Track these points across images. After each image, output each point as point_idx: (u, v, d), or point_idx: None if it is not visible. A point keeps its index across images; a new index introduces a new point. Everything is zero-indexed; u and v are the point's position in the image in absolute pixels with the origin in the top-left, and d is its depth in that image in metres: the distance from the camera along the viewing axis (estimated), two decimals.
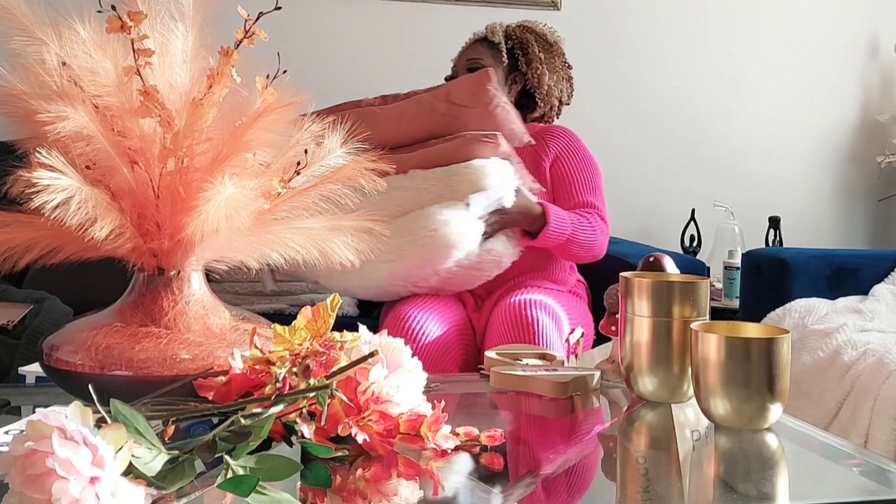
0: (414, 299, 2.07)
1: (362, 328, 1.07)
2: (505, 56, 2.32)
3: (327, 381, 0.98)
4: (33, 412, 1.04)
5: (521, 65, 2.32)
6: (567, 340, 1.96)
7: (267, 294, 2.44)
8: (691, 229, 3.21)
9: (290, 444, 1.00)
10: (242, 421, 0.91)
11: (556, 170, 2.26)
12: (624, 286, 1.31)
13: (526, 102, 2.36)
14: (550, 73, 2.33)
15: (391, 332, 1.16)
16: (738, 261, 2.91)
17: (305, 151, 1.14)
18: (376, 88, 3.00)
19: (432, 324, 2.00)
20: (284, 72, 1.11)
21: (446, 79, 2.33)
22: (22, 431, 0.81)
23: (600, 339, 2.07)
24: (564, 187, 2.25)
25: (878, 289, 2.58)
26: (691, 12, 3.34)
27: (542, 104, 2.35)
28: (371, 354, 1.00)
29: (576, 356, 1.61)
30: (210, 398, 1.03)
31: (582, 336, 1.70)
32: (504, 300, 2.07)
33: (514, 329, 1.97)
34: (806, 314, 2.45)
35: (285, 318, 1.35)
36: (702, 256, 3.16)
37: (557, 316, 2.02)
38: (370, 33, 3.04)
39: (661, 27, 3.31)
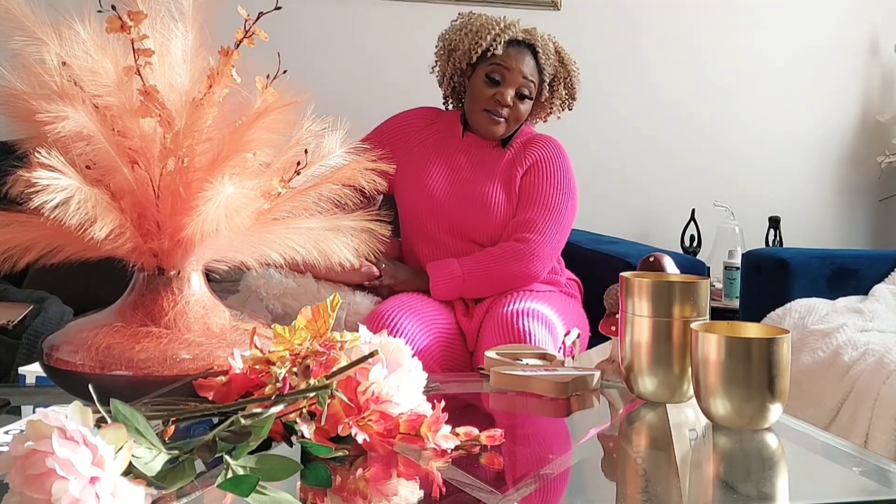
0: (397, 299, 2.06)
1: (362, 328, 1.07)
2: (546, 87, 2.22)
3: (327, 381, 0.98)
4: (33, 412, 1.04)
5: (543, 93, 2.22)
6: (563, 343, 1.96)
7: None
8: (691, 229, 3.21)
9: (290, 444, 1.00)
10: (242, 421, 0.91)
11: (523, 183, 2.19)
12: (624, 286, 1.31)
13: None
14: (560, 112, 2.28)
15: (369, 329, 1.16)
16: (738, 261, 2.90)
17: (305, 151, 1.14)
18: (376, 88, 3.01)
19: (410, 323, 1.97)
20: (284, 72, 1.11)
21: (489, 77, 2.16)
22: (22, 431, 0.81)
23: (598, 339, 2.06)
24: (518, 202, 2.18)
25: (879, 289, 2.58)
26: (691, 12, 3.34)
27: (533, 122, 2.32)
28: (371, 354, 1.00)
29: (572, 357, 1.61)
30: (210, 398, 1.03)
31: (578, 337, 1.70)
32: (495, 309, 2.05)
33: (507, 341, 1.95)
34: (806, 314, 2.44)
35: None
36: (702, 256, 3.16)
37: (551, 324, 2.01)
38: (370, 33, 3.04)
39: (660, 27, 3.31)
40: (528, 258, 2.10)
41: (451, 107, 2.34)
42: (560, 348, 1.94)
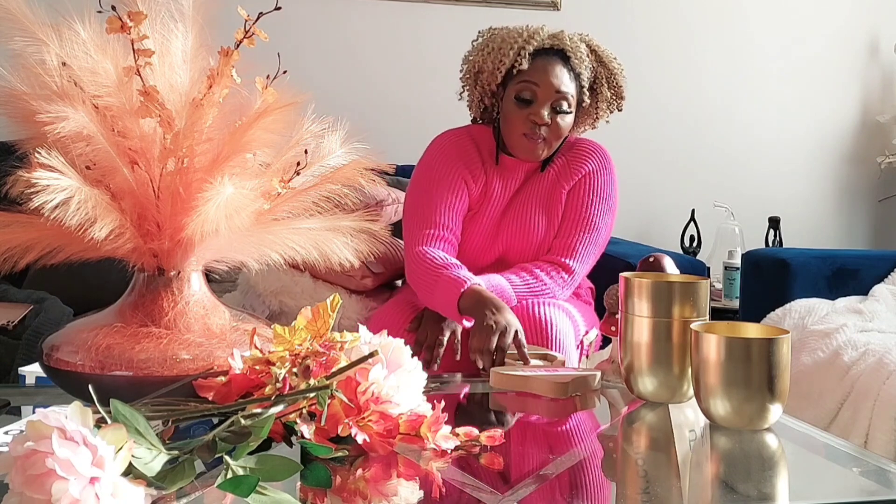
0: (395, 302, 2.01)
1: (362, 328, 1.07)
2: (586, 93, 2.03)
3: (327, 382, 0.98)
4: (33, 412, 1.04)
5: (584, 100, 2.03)
6: (581, 342, 1.94)
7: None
8: (691, 229, 3.21)
9: (290, 444, 1.00)
10: (242, 421, 0.91)
11: (569, 199, 2.06)
12: (624, 286, 1.31)
13: None
14: (608, 112, 2.11)
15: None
16: (738, 261, 2.91)
17: (305, 151, 1.14)
18: (376, 88, 3.02)
19: (405, 324, 1.90)
20: (284, 72, 1.11)
21: (519, 99, 1.98)
22: (22, 431, 0.81)
23: (605, 341, 2.05)
24: (563, 218, 2.06)
25: (878, 289, 2.58)
26: (691, 12, 3.34)
27: (579, 129, 2.15)
28: (371, 355, 1.00)
29: (587, 357, 1.61)
30: (210, 398, 1.03)
31: (596, 337, 1.69)
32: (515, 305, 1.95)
33: (527, 330, 1.82)
34: (806, 314, 2.44)
35: None
36: (702, 257, 3.16)
37: (572, 316, 1.94)
38: (370, 33, 3.04)
39: (660, 27, 3.31)
40: (569, 287, 2.01)
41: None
42: (579, 345, 1.92)
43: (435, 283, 1.85)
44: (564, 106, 1.97)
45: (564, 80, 1.98)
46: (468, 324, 1.74)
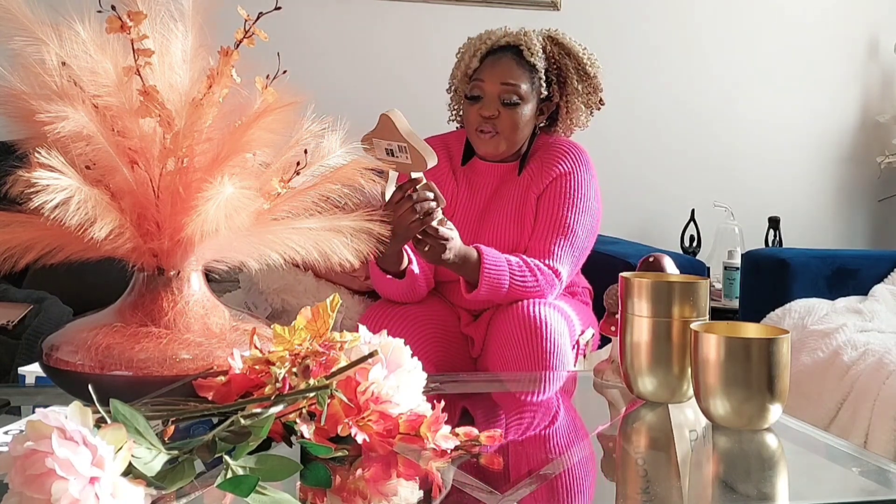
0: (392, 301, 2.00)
1: (362, 328, 1.07)
2: (543, 84, 2.02)
3: (327, 382, 0.98)
4: (33, 412, 1.04)
5: (553, 94, 2.04)
6: (577, 341, 1.93)
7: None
8: (691, 229, 3.21)
9: (290, 444, 1.00)
10: (242, 421, 0.91)
11: (543, 199, 2.03)
12: (624, 286, 1.31)
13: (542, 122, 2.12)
14: (585, 108, 2.08)
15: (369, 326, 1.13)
16: (737, 261, 2.91)
17: (305, 151, 1.14)
18: (376, 88, 3.01)
19: (403, 325, 1.91)
20: (284, 72, 1.11)
21: (468, 97, 2.02)
22: (22, 431, 0.81)
23: (604, 341, 2.05)
24: (536, 222, 2.02)
25: (878, 289, 2.58)
26: (691, 13, 3.34)
27: (560, 131, 2.13)
28: (371, 354, 1.00)
29: (584, 356, 1.60)
30: (210, 398, 1.03)
31: (592, 337, 1.68)
32: (506, 305, 1.92)
33: (521, 329, 1.84)
34: (806, 314, 2.44)
35: None
36: (702, 257, 3.16)
37: (567, 316, 1.92)
38: (370, 33, 3.04)
39: (660, 27, 3.31)
40: (554, 288, 1.96)
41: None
42: (574, 345, 1.92)
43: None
44: (514, 98, 1.99)
45: (512, 73, 2.00)
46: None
